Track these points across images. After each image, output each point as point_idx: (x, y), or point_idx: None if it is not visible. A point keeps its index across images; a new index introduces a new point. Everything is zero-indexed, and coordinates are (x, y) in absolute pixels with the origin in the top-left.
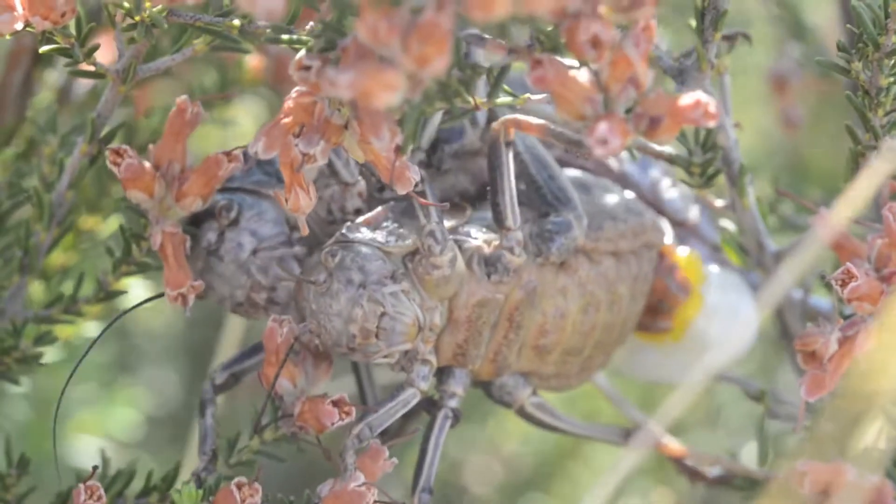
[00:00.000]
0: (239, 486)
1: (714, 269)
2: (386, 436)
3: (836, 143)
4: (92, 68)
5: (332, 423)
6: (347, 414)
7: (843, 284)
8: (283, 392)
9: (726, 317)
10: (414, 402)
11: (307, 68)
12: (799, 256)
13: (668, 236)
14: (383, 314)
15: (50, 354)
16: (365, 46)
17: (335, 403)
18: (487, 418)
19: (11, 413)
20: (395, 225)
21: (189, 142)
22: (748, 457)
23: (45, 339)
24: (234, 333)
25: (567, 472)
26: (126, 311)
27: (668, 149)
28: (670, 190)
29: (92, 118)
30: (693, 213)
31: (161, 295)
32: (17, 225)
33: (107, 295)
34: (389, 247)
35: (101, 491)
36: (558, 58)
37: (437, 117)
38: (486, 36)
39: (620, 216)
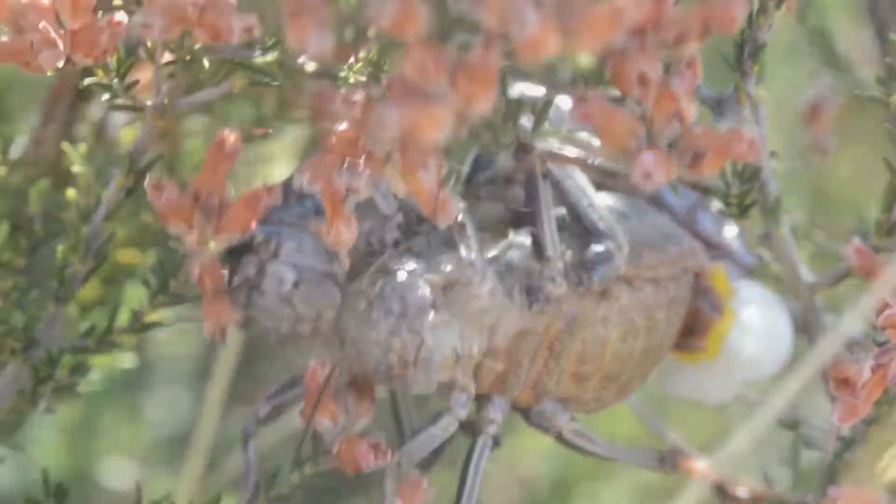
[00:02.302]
0: None
1: (745, 284)
2: (423, 464)
3: (857, 169)
4: (130, 102)
5: (368, 466)
6: (383, 457)
7: (878, 312)
8: (322, 430)
9: (760, 331)
10: (452, 429)
11: (353, 104)
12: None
13: (704, 258)
14: (422, 344)
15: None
16: (411, 82)
17: (372, 446)
18: (504, 439)
19: (38, 439)
20: (436, 255)
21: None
22: (781, 482)
23: (80, 369)
24: (230, 354)
25: (585, 493)
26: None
27: (703, 180)
28: (706, 212)
29: (129, 151)
30: (728, 235)
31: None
32: (52, 256)
33: (142, 326)
34: (429, 276)
35: None
36: (602, 92)
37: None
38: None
39: (660, 244)
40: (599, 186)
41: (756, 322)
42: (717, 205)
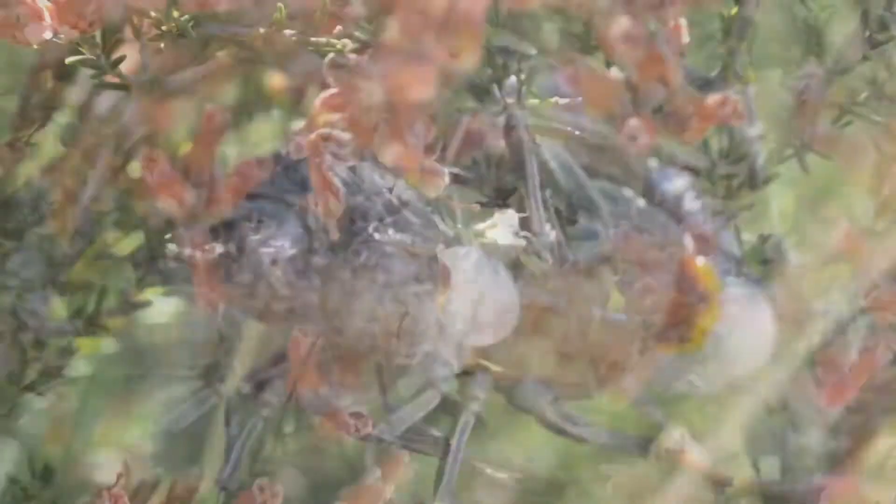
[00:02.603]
0: (261, 489)
1: (732, 279)
2: (406, 439)
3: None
4: (117, 80)
5: (349, 437)
6: (365, 427)
7: (865, 295)
8: (305, 403)
9: (745, 327)
10: (434, 403)
11: (341, 66)
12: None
13: (690, 247)
14: (405, 315)
15: (73, 368)
16: (398, 43)
17: (353, 416)
18: (499, 431)
19: (26, 425)
20: (422, 227)
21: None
22: (769, 469)
23: (67, 352)
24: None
25: (580, 486)
26: None
27: (692, 159)
28: (693, 201)
29: (116, 131)
30: (715, 225)
31: None
32: (40, 238)
33: (130, 307)
34: (415, 248)
35: (125, 499)
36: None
37: (465, 122)
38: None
39: (647, 228)
40: (589, 171)
41: (740, 318)
42: (704, 186)
